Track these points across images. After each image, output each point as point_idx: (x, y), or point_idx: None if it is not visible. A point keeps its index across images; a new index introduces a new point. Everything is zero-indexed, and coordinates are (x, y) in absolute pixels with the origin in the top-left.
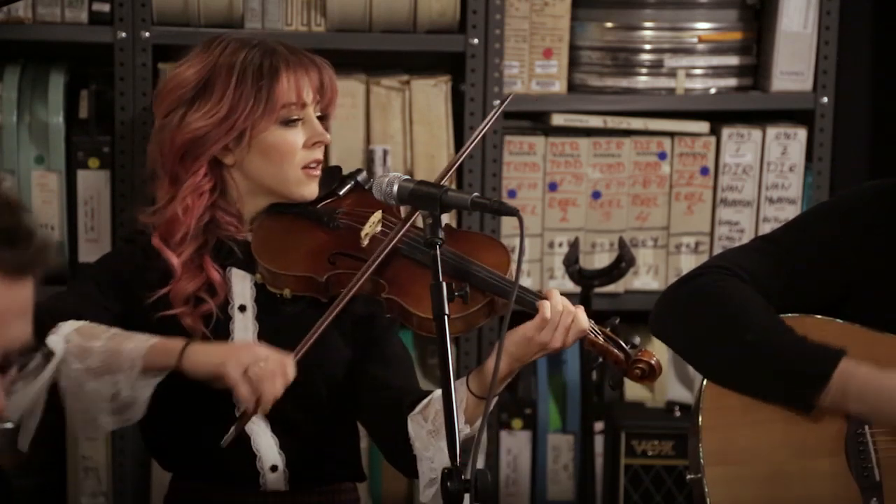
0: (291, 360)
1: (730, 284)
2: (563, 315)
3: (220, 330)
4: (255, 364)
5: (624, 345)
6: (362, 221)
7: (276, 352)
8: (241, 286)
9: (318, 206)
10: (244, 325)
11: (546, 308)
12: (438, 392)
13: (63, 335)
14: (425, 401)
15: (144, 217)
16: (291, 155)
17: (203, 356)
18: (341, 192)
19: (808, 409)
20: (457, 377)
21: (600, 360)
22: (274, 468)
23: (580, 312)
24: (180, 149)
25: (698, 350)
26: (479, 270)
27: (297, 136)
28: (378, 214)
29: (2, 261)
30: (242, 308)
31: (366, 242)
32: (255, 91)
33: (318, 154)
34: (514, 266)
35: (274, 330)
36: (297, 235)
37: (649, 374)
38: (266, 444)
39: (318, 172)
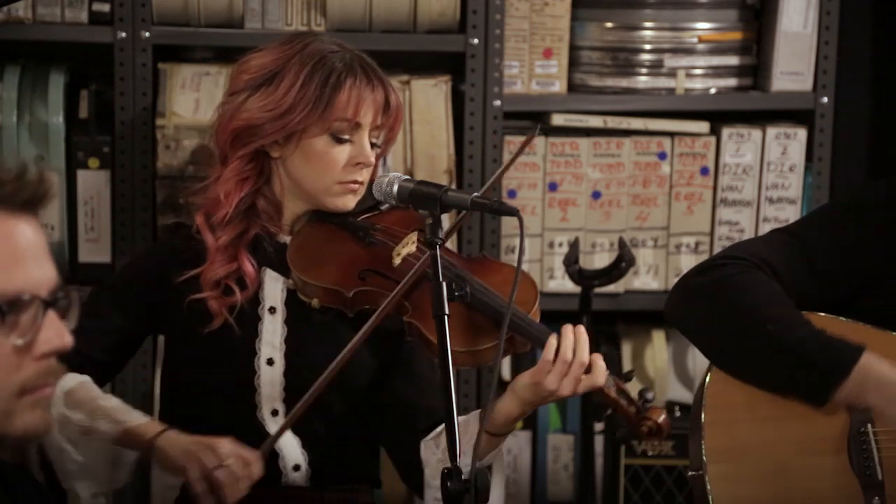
0: (257, 457)
1: (751, 275)
2: (572, 365)
3: (249, 329)
4: (218, 468)
5: (636, 400)
6: (397, 240)
7: (240, 449)
8: (273, 288)
9: (360, 218)
10: (273, 328)
11: (550, 349)
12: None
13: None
14: (440, 428)
15: (190, 194)
16: (331, 168)
17: (170, 451)
18: (384, 208)
19: (824, 402)
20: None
21: (609, 411)
22: (297, 468)
23: (598, 366)
24: (233, 132)
25: (716, 338)
26: (485, 293)
27: (342, 153)
28: (413, 235)
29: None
30: (272, 310)
31: (397, 262)
32: (316, 97)
33: (359, 175)
34: (537, 305)
35: (301, 335)
36: (332, 247)
37: (656, 432)
38: (289, 444)
39: (356, 187)
